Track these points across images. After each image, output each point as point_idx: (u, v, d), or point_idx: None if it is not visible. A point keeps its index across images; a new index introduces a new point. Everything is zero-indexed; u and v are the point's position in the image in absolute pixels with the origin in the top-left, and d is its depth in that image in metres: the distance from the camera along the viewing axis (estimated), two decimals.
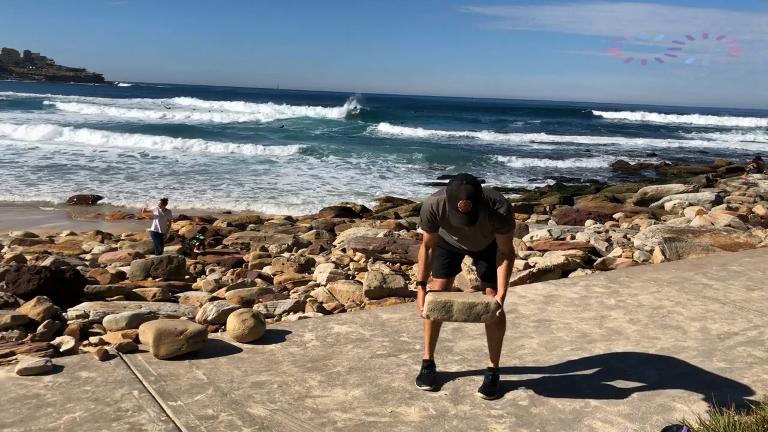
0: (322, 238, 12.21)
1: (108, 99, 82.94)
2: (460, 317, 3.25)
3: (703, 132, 64.66)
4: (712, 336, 4.54)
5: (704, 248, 7.56)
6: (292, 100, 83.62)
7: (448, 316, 3.26)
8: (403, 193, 21.01)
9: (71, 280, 6.43)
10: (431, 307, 3.26)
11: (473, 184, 3.11)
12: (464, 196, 3.06)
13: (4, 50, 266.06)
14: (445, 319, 3.28)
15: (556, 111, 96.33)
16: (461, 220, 3.11)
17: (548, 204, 17.28)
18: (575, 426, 3.17)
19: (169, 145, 31.78)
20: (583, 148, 40.95)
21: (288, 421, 3.12)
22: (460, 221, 3.12)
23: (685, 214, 11.13)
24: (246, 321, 4.17)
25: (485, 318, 3.27)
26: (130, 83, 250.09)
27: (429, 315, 3.29)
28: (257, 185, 21.58)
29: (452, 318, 3.26)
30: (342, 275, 7.35)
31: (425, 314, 3.29)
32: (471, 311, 3.24)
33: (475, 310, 3.24)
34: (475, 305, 3.24)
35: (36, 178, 21.10)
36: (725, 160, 32.72)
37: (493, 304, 3.27)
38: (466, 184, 3.09)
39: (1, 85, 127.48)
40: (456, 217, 3.13)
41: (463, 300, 3.26)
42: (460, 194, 3.07)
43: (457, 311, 3.24)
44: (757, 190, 14.96)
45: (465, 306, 3.24)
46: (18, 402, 3.24)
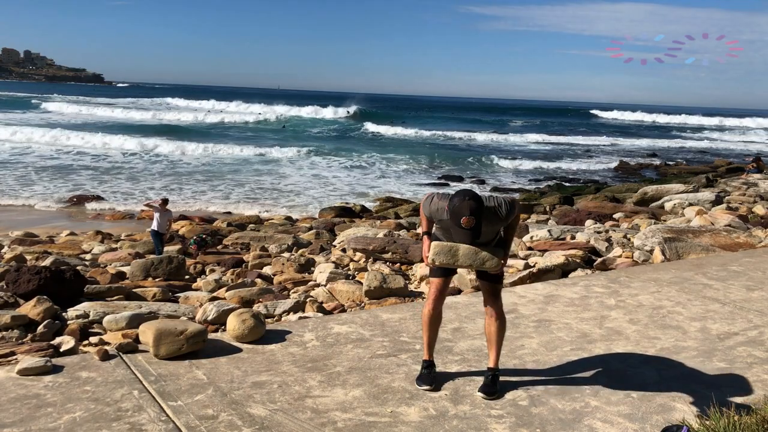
0: (322, 238, 12.21)
1: (101, 99, 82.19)
2: (465, 261, 3.25)
3: (703, 132, 64.67)
4: (712, 336, 4.54)
5: (704, 248, 7.56)
6: (292, 101, 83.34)
7: (453, 260, 3.25)
8: (403, 194, 21.02)
9: (71, 280, 6.43)
10: (437, 251, 3.25)
11: (475, 199, 3.13)
12: (467, 212, 3.08)
13: (4, 50, 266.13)
14: (450, 263, 3.27)
15: (555, 111, 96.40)
16: (465, 237, 3.14)
17: (548, 204, 17.29)
18: (575, 426, 3.17)
19: (153, 146, 30.69)
20: (583, 149, 40.95)
21: (288, 421, 3.12)
22: (464, 237, 3.15)
23: (685, 214, 11.13)
24: (246, 321, 4.17)
25: (490, 264, 3.26)
26: (128, 83, 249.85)
27: (435, 259, 3.28)
28: (258, 186, 21.58)
29: (457, 262, 3.25)
30: (342, 275, 7.35)
31: (431, 258, 3.28)
32: (476, 256, 3.24)
33: (480, 256, 3.24)
34: (480, 251, 3.24)
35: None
36: (725, 160, 32.72)
37: (497, 258, 3.29)
38: (468, 200, 3.11)
39: (1, 85, 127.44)
40: (459, 234, 3.15)
41: (469, 246, 3.25)
42: (463, 210, 3.09)
43: (462, 255, 3.24)
44: (757, 190, 14.97)
45: (471, 251, 3.23)
46: (18, 402, 3.24)
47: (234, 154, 30.26)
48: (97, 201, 17.70)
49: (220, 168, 25.25)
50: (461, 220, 3.08)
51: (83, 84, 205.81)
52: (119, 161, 26.20)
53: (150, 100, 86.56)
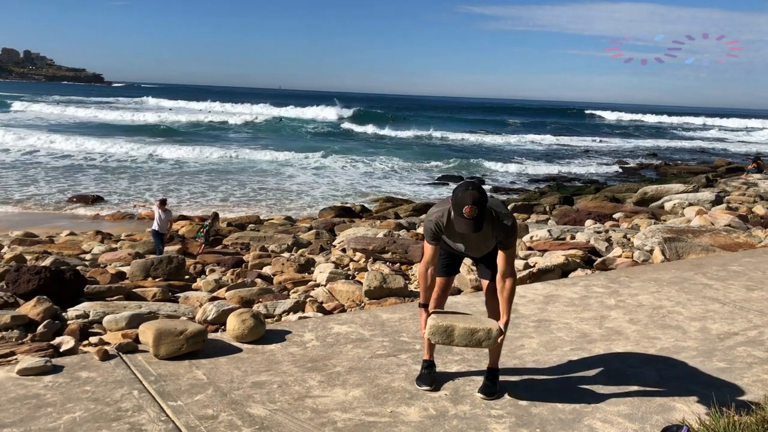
0: (322, 238, 12.21)
1: (80, 98, 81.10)
2: (461, 342, 3.27)
3: (703, 132, 64.69)
4: (712, 336, 4.54)
5: (704, 248, 7.57)
6: (293, 101, 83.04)
7: (449, 341, 3.28)
8: (403, 194, 21.02)
9: (71, 280, 6.43)
10: (433, 332, 3.28)
11: (479, 190, 3.12)
12: (470, 201, 3.07)
13: (4, 50, 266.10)
14: (446, 343, 3.31)
15: (555, 111, 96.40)
16: (467, 227, 3.11)
17: (548, 204, 17.29)
18: (575, 426, 3.17)
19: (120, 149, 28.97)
20: (583, 149, 40.95)
21: (288, 421, 3.12)
22: (466, 227, 3.11)
23: (685, 214, 11.13)
24: (246, 321, 4.17)
25: (486, 344, 3.29)
26: (123, 83, 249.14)
27: (430, 339, 3.32)
28: (259, 187, 21.58)
29: (453, 343, 3.28)
30: (342, 275, 7.35)
31: (427, 336, 3.32)
32: (472, 337, 3.25)
33: (476, 337, 3.25)
34: (477, 331, 3.24)
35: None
36: (725, 160, 32.73)
37: (495, 330, 3.26)
38: (471, 189, 3.10)
39: (1, 85, 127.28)
40: (461, 224, 3.12)
41: (465, 326, 3.25)
42: (466, 200, 3.08)
43: (458, 336, 3.26)
44: (757, 190, 14.97)
45: (466, 332, 3.25)
46: (18, 402, 3.24)
47: (180, 156, 28.00)
48: (96, 202, 17.69)
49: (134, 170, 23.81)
50: (464, 210, 3.08)
51: (82, 84, 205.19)
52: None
53: (130, 99, 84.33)
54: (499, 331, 3.28)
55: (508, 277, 3.30)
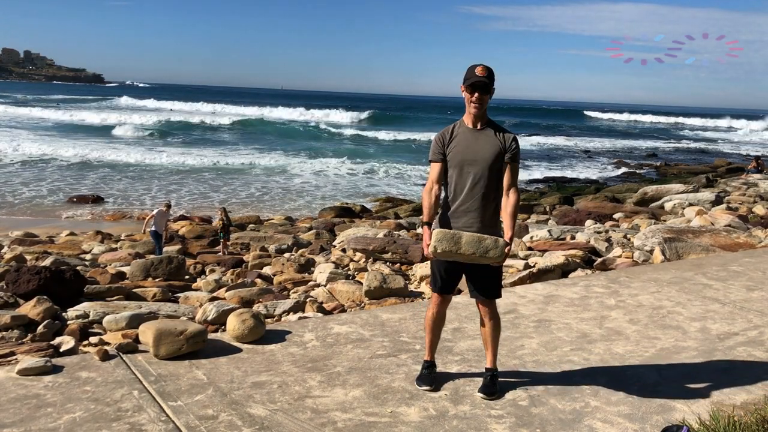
0: (322, 238, 12.22)
1: (58, 96, 79.93)
2: (468, 249, 3.17)
3: (703, 132, 64.69)
4: (712, 336, 4.53)
5: (704, 248, 7.56)
6: (294, 101, 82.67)
7: (456, 248, 3.17)
8: (403, 194, 21.02)
9: (71, 280, 6.44)
10: (440, 237, 3.17)
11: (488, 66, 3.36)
12: (481, 64, 3.33)
13: (4, 50, 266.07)
14: (452, 251, 3.18)
15: (555, 111, 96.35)
16: (478, 84, 3.29)
17: (548, 204, 17.30)
18: (575, 426, 3.17)
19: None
20: (583, 149, 40.95)
21: (288, 421, 3.12)
22: (478, 82, 3.29)
23: (685, 215, 11.13)
24: (246, 321, 4.17)
25: (493, 253, 3.19)
26: (117, 83, 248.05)
27: (437, 246, 3.19)
28: (257, 189, 21.57)
29: (460, 250, 3.17)
30: (342, 275, 7.35)
31: (433, 245, 3.21)
32: (480, 245, 3.18)
33: (483, 244, 3.18)
34: (484, 239, 3.19)
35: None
36: (725, 161, 32.73)
37: (502, 241, 3.24)
38: (482, 63, 3.34)
39: (1, 86, 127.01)
40: (473, 81, 3.30)
41: (472, 234, 3.22)
42: (477, 64, 3.34)
43: (465, 243, 3.17)
44: (757, 190, 14.97)
45: (474, 239, 3.18)
46: (18, 402, 3.24)
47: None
48: (96, 202, 17.70)
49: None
50: (476, 69, 3.31)
51: (72, 84, 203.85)
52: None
53: (105, 98, 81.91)
54: (505, 242, 3.25)
55: (512, 189, 3.38)
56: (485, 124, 3.42)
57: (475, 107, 3.34)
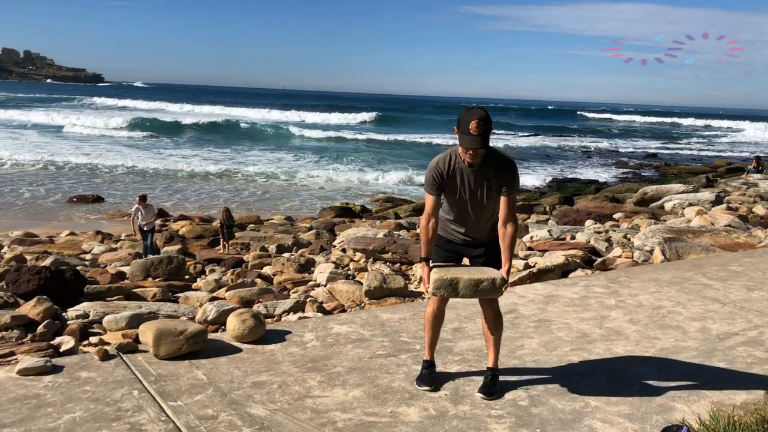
0: (322, 238, 12.22)
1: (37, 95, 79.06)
2: (466, 294, 3.22)
3: (703, 132, 64.69)
4: (712, 336, 4.53)
5: (704, 248, 7.56)
6: (296, 101, 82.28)
7: (454, 294, 3.22)
8: (403, 194, 21.02)
9: (71, 280, 6.44)
10: (437, 285, 3.22)
11: (484, 110, 3.19)
12: (476, 117, 3.12)
13: (4, 50, 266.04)
14: (451, 296, 3.25)
15: (555, 111, 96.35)
16: (473, 143, 3.13)
17: (548, 204, 17.30)
18: (575, 426, 3.17)
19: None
20: (583, 149, 40.94)
21: (288, 421, 3.12)
22: (472, 143, 3.14)
23: (685, 214, 11.13)
24: (246, 321, 4.17)
25: (493, 294, 3.24)
26: (110, 83, 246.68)
27: (435, 293, 3.26)
28: (254, 190, 21.55)
29: (459, 295, 3.22)
30: (342, 275, 7.35)
31: (431, 291, 3.27)
32: (477, 288, 3.21)
33: (481, 287, 3.21)
34: (482, 282, 3.21)
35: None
36: (725, 161, 32.73)
37: (499, 279, 3.25)
38: (477, 108, 3.18)
39: (1, 86, 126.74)
40: (467, 140, 3.15)
41: (469, 276, 3.22)
42: (472, 116, 3.13)
43: (463, 288, 3.21)
44: (757, 190, 14.97)
45: (471, 283, 3.20)
46: (18, 402, 3.24)
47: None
48: (96, 202, 17.70)
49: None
50: (470, 126, 3.11)
51: (69, 84, 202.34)
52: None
53: (82, 98, 80.00)
54: (502, 279, 3.26)
55: (510, 222, 3.32)
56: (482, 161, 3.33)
57: (470, 161, 3.24)
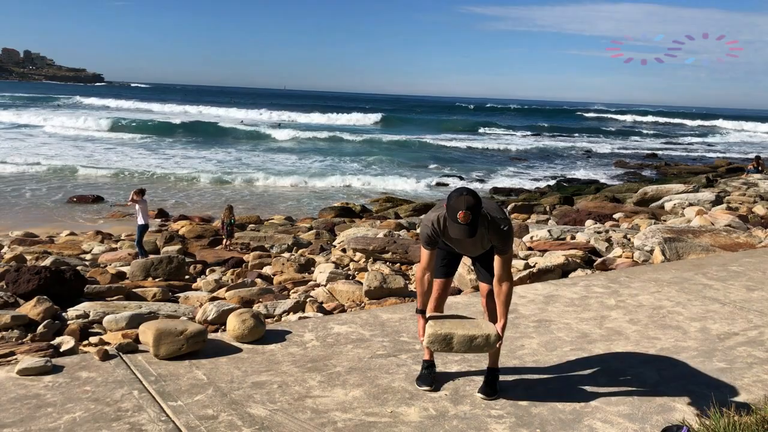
0: (322, 238, 12.22)
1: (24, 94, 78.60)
2: (460, 349, 3.27)
3: (703, 132, 64.68)
4: (712, 336, 4.53)
5: (704, 248, 7.56)
6: (298, 101, 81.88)
7: (448, 348, 3.28)
8: (403, 194, 21.01)
9: (71, 280, 6.44)
10: (431, 340, 3.27)
11: (473, 195, 3.12)
12: (464, 206, 3.07)
13: (4, 50, 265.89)
14: (445, 350, 3.30)
15: (555, 111, 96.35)
16: (461, 232, 3.11)
17: (548, 204, 17.29)
18: (575, 426, 3.17)
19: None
20: (583, 149, 40.94)
21: (288, 421, 3.12)
22: (460, 233, 3.11)
23: (685, 214, 11.13)
24: (246, 321, 4.17)
25: (486, 350, 3.30)
26: (105, 83, 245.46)
27: (429, 347, 3.34)
28: (255, 191, 21.56)
29: (452, 350, 3.28)
30: (342, 275, 7.35)
31: (426, 344, 3.33)
32: (471, 344, 3.26)
33: (475, 343, 3.26)
34: (476, 338, 3.25)
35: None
36: (725, 160, 32.74)
37: (494, 336, 3.26)
38: (466, 195, 3.10)
39: (1, 86, 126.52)
40: (455, 229, 3.12)
41: (464, 333, 3.25)
42: (460, 205, 3.08)
43: (457, 344, 3.26)
44: (757, 190, 14.96)
45: (465, 339, 3.25)
46: (18, 402, 3.24)
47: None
48: (96, 203, 17.70)
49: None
50: (458, 215, 3.07)
51: (66, 84, 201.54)
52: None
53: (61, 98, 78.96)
54: (497, 336, 3.28)
55: (505, 281, 3.31)
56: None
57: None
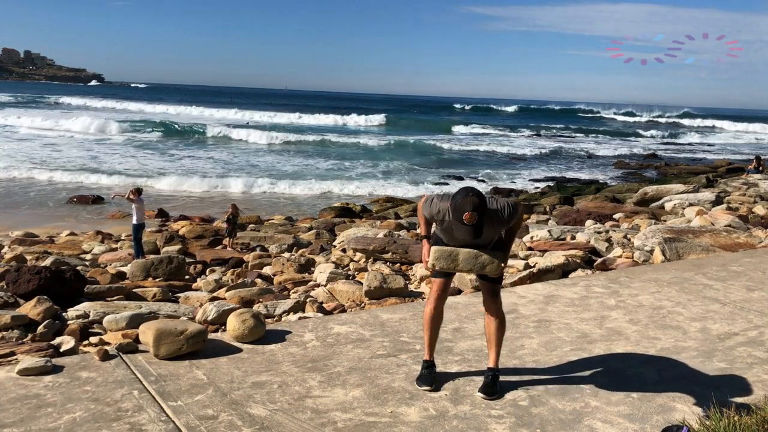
0: (322, 238, 12.22)
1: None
2: (465, 266, 3.26)
3: (703, 132, 64.67)
4: (712, 336, 4.53)
5: (704, 248, 7.56)
6: (299, 101, 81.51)
7: (453, 265, 3.27)
8: (403, 194, 21.02)
9: (71, 280, 6.44)
10: (437, 255, 3.27)
11: (478, 196, 3.12)
12: (470, 208, 3.06)
13: (4, 50, 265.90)
14: (450, 267, 3.29)
15: (555, 111, 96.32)
16: (466, 234, 3.12)
17: (548, 204, 17.30)
18: (575, 426, 3.17)
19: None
20: (583, 149, 40.93)
21: (288, 421, 3.12)
22: (465, 234, 3.12)
23: (686, 215, 11.13)
24: (246, 321, 4.17)
25: (490, 268, 3.28)
26: (99, 83, 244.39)
27: (435, 263, 3.30)
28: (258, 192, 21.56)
29: (457, 267, 3.27)
30: (342, 275, 7.35)
31: (431, 263, 3.31)
32: (476, 260, 3.25)
33: (480, 260, 3.25)
34: (480, 255, 3.25)
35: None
36: (725, 161, 32.74)
37: (499, 257, 3.29)
38: (472, 196, 3.10)
39: (1, 86, 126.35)
40: (461, 231, 3.13)
41: (469, 250, 3.26)
42: (466, 206, 3.07)
43: (462, 260, 3.26)
44: (757, 191, 14.96)
45: (470, 255, 3.25)
46: (18, 402, 3.24)
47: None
48: (96, 203, 17.70)
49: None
50: (464, 216, 3.07)
51: (63, 84, 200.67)
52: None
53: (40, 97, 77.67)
54: (502, 257, 3.32)
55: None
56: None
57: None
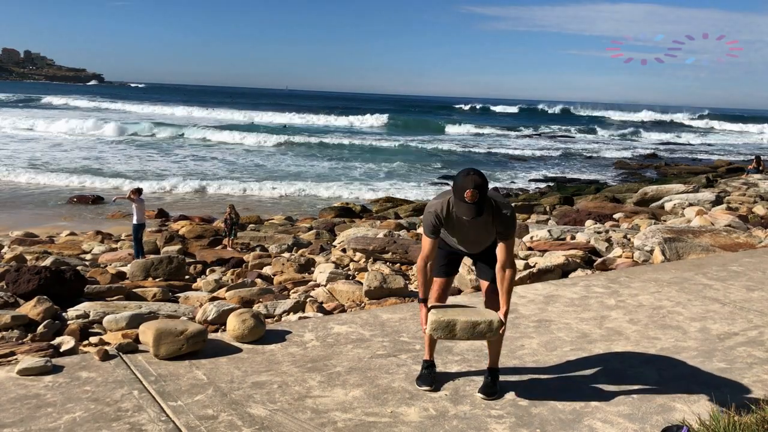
0: (322, 238, 12.22)
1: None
2: (463, 336, 3.27)
3: (703, 132, 64.66)
4: (712, 336, 4.53)
5: (704, 248, 7.56)
6: (299, 101, 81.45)
7: (451, 336, 3.27)
8: (403, 194, 21.01)
9: (71, 280, 6.44)
10: (434, 327, 3.26)
11: (480, 175, 3.12)
12: (471, 185, 3.06)
13: (4, 50, 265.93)
14: (449, 338, 3.29)
15: (555, 112, 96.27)
16: (468, 211, 3.09)
17: (548, 204, 17.30)
18: (575, 426, 3.17)
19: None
20: (583, 149, 40.93)
21: (288, 421, 3.12)
22: (467, 212, 3.10)
23: (685, 215, 11.13)
24: (246, 321, 4.17)
25: (489, 336, 3.29)
26: (97, 83, 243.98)
27: (433, 335, 3.32)
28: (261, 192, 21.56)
29: (456, 337, 3.27)
30: (342, 275, 7.35)
31: (428, 332, 3.32)
32: (474, 330, 3.25)
33: (478, 329, 3.25)
34: (478, 324, 3.24)
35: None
36: (725, 161, 32.74)
37: (497, 321, 3.26)
38: (473, 175, 3.11)
39: (1, 86, 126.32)
40: (462, 208, 3.11)
41: (466, 319, 3.25)
42: (467, 184, 3.07)
43: (460, 330, 3.25)
44: (757, 191, 14.96)
45: (468, 325, 3.24)
46: (18, 402, 3.24)
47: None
48: (96, 203, 17.70)
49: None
50: (465, 194, 3.07)
51: (63, 84, 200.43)
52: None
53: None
54: (500, 321, 3.28)
55: (509, 267, 3.30)
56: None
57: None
